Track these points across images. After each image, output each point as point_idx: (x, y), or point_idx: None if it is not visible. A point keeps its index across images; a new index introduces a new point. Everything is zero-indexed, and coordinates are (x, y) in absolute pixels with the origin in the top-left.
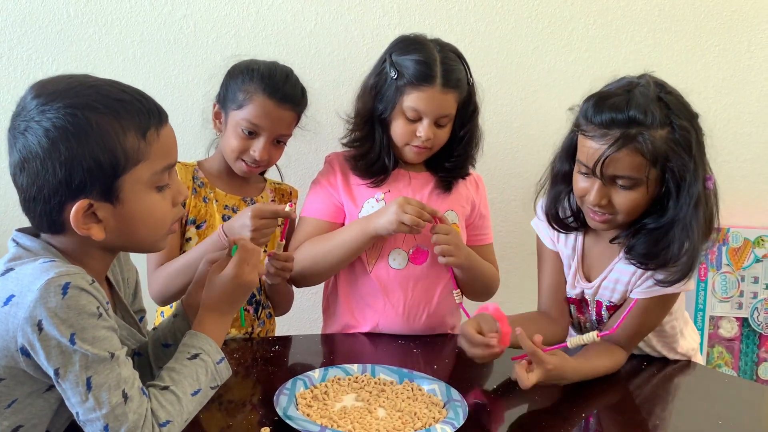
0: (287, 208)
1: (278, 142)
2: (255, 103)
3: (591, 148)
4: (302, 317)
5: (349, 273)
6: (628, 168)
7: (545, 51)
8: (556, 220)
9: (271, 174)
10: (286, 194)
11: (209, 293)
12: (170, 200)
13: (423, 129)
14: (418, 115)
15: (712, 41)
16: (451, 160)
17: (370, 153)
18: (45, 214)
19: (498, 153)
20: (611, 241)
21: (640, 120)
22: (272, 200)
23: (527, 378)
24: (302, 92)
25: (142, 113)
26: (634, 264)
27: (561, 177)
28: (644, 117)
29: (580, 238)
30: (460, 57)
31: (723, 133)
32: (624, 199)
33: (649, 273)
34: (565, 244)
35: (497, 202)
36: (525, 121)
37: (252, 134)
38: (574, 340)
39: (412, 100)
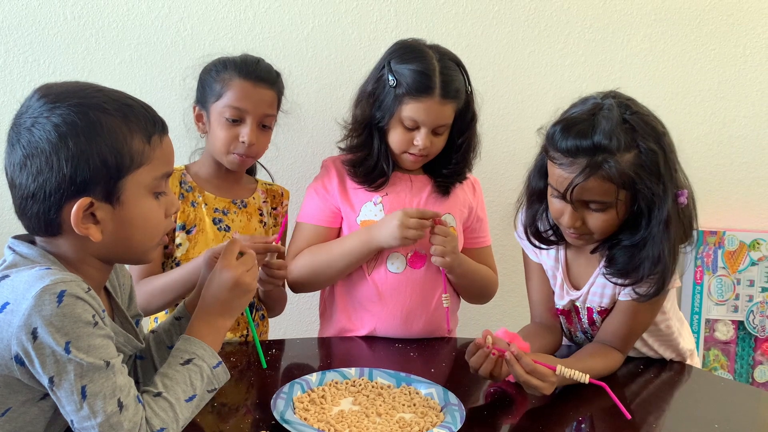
0: (274, 242)
1: (264, 127)
2: (234, 88)
3: (560, 176)
4: (299, 320)
5: (346, 277)
6: (597, 194)
7: (542, 55)
8: (536, 236)
9: (263, 176)
10: (277, 195)
11: (205, 295)
12: (164, 210)
13: (420, 138)
14: (416, 125)
15: (708, 45)
16: (449, 167)
17: (368, 160)
18: (42, 214)
19: (495, 156)
20: (592, 252)
21: (605, 146)
22: (264, 201)
23: (548, 387)
24: (277, 73)
25: (147, 119)
26: (611, 281)
27: (537, 195)
28: (609, 142)
29: (561, 249)
30: (459, 65)
31: (719, 137)
32: (597, 221)
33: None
34: (548, 256)
35: (494, 205)
36: (522, 124)
37: (237, 121)
38: (566, 371)
39: (410, 110)
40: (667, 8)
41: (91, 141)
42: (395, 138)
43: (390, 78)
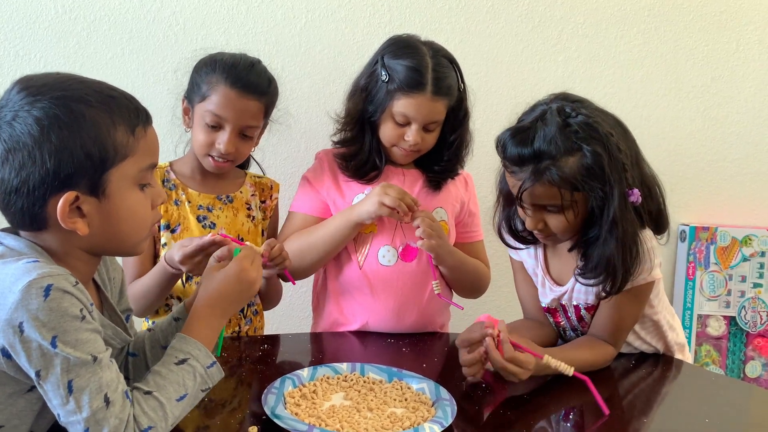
0: (209, 236)
1: (245, 136)
2: (217, 94)
3: (512, 182)
4: (291, 315)
5: (338, 270)
6: (547, 198)
7: (535, 50)
8: (513, 236)
9: (254, 167)
10: (266, 188)
11: (207, 289)
12: (150, 201)
13: (411, 134)
14: (407, 120)
15: (701, 41)
16: (441, 164)
17: (360, 154)
18: (27, 208)
19: (488, 152)
20: (569, 250)
21: (546, 152)
22: (252, 195)
23: (524, 373)
24: (269, 82)
25: (131, 110)
26: (581, 282)
27: (508, 197)
28: (549, 148)
29: (540, 247)
30: (453, 62)
31: (711, 133)
32: (557, 222)
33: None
34: (528, 254)
35: (487, 200)
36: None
37: (216, 127)
38: (552, 362)
39: (401, 105)
40: (661, 4)
41: (74, 134)
42: (386, 132)
43: (382, 73)
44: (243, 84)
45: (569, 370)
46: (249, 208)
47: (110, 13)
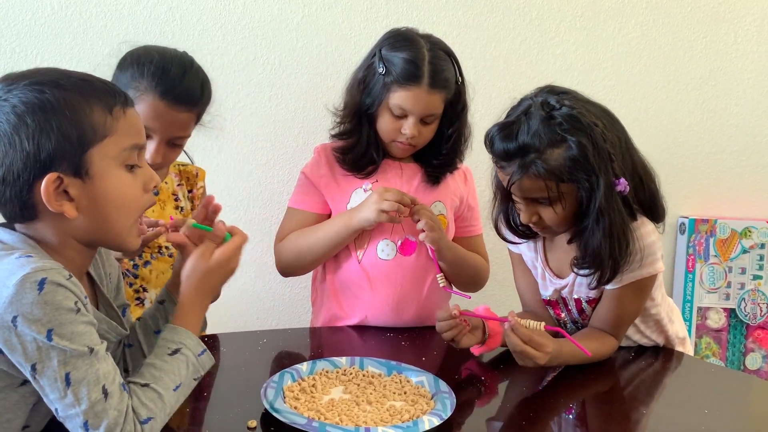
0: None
1: (174, 144)
2: (145, 104)
3: (501, 176)
4: (290, 310)
5: (337, 264)
6: (535, 191)
7: (533, 43)
8: (511, 230)
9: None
10: (192, 176)
11: (192, 277)
12: (141, 184)
13: (408, 126)
14: (404, 113)
15: (699, 33)
16: (440, 158)
17: (357, 146)
18: (16, 197)
19: None
20: (568, 242)
21: (530, 146)
22: (178, 185)
23: (542, 357)
24: (202, 88)
25: (107, 92)
26: (577, 273)
27: (503, 192)
28: (533, 141)
29: (539, 240)
30: (451, 55)
31: (710, 125)
32: (550, 214)
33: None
34: (527, 247)
35: (486, 194)
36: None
37: None
38: (523, 321)
39: (398, 98)
40: None
41: (50, 116)
42: (383, 125)
43: (380, 65)
44: (174, 95)
45: (540, 326)
46: (177, 199)
47: (106, 10)
